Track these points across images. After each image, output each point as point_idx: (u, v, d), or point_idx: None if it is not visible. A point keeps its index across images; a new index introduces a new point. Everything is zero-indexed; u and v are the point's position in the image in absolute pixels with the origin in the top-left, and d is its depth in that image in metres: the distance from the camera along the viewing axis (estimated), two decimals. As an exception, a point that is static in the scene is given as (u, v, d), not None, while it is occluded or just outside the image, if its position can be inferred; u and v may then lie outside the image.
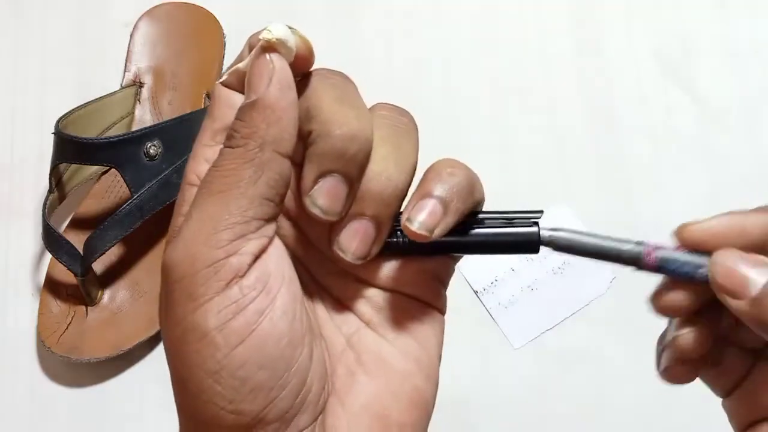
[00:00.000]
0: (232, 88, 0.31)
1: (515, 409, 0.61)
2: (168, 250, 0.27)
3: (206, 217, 0.27)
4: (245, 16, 0.72)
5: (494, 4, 0.72)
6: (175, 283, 0.27)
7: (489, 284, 0.63)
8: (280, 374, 0.27)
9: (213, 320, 0.26)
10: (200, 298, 0.26)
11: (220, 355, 0.27)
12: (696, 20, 0.71)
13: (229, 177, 0.27)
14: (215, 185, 0.27)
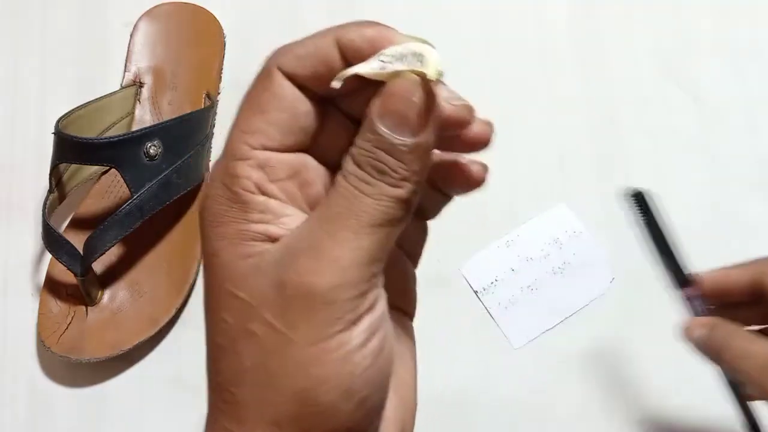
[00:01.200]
0: (340, 90, 0.29)
1: (515, 409, 0.61)
2: (309, 269, 0.27)
3: (358, 246, 0.27)
4: (245, 16, 0.72)
5: (494, 4, 0.72)
6: (325, 305, 0.27)
7: (489, 284, 0.63)
8: (386, 394, 0.29)
9: (356, 341, 0.27)
10: (347, 320, 0.27)
11: (356, 374, 0.27)
12: (696, 20, 0.71)
13: (379, 211, 0.28)
14: (367, 216, 0.28)
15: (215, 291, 0.29)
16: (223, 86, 0.70)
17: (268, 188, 0.29)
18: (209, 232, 0.29)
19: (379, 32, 0.30)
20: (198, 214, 0.30)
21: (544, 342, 0.62)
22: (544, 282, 0.64)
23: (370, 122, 0.28)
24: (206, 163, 0.67)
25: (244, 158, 0.29)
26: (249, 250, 0.28)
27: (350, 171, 0.28)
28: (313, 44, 0.29)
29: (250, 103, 0.30)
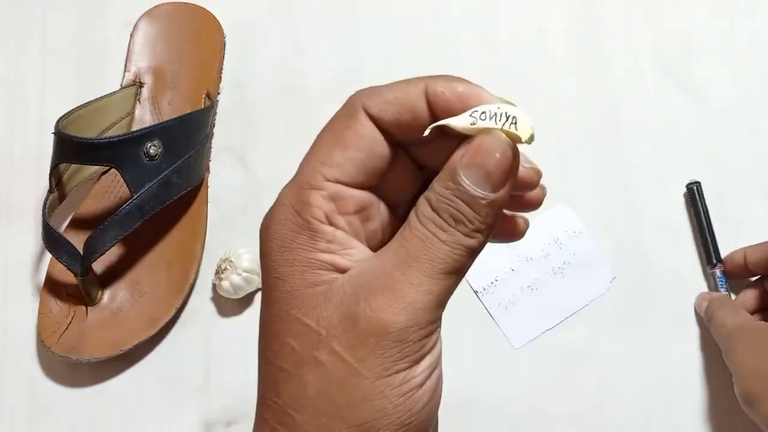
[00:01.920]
0: (422, 138, 0.31)
1: (515, 409, 0.61)
2: (384, 307, 0.28)
3: (430, 291, 0.29)
4: (245, 16, 0.72)
5: (494, 4, 0.72)
6: (396, 342, 0.28)
7: (489, 284, 0.63)
8: (436, 426, 0.31)
9: (418, 379, 0.29)
10: (412, 359, 0.29)
11: (415, 410, 0.29)
12: (696, 20, 0.71)
13: (453, 259, 0.29)
14: (441, 263, 0.29)
15: (280, 315, 0.30)
16: (223, 86, 0.70)
17: (336, 220, 0.30)
18: (277, 256, 0.30)
19: (471, 89, 0.30)
20: (262, 235, 0.31)
21: (544, 342, 0.62)
22: (544, 282, 0.64)
23: (453, 172, 0.29)
24: (206, 163, 0.67)
25: (317, 188, 0.30)
26: (317, 279, 0.29)
27: (428, 216, 0.29)
28: (402, 91, 0.30)
29: (332, 136, 0.31)
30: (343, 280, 0.29)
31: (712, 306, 0.60)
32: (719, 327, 0.57)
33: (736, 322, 0.57)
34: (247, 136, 0.68)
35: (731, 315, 0.58)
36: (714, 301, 0.60)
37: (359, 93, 0.31)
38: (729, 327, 0.56)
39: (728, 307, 0.59)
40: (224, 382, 0.61)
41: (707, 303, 0.61)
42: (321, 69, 0.70)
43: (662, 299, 0.63)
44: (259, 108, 0.69)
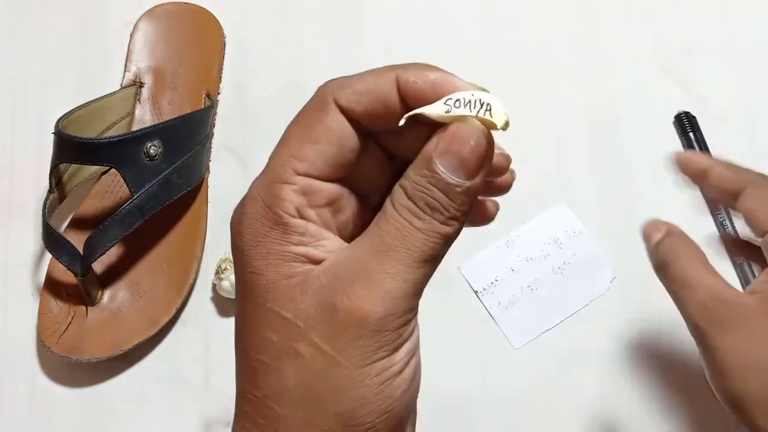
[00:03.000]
0: (392, 128, 0.31)
1: (515, 409, 0.61)
2: (362, 297, 0.28)
3: (407, 279, 0.29)
4: (245, 16, 0.72)
5: (494, 4, 0.72)
6: (374, 332, 0.29)
7: (489, 284, 0.63)
8: (415, 412, 0.32)
9: (396, 367, 0.29)
10: (390, 347, 0.29)
11: (395, 397, 0.29)
12: (696, 20, 0.71)
13: (429, 247, 0.29)
14: (417, 251, 0.29)
15: (257, 309, 0.30)
16: (223, 86, 0.70)
17: (306, 213, 0.30)
18: (250, 250, 0.30)
19: (443, 77, 0.30)
20: (233, 229, 0.31)
21: (544, 342, 0.62)
22: (544, 282, 0.64)
23: (428, 160, 0.29)
24: (206, 163, 0.67)
25: (288, 182, 0.30)
26: (291, 271, 0.29)
27: (403, 204, 0.29)
28: (373, 81, 0.30)
29: (302, 129, 0.31)
30: (318, 271, 0.29)
31: (669, 247, 0.44)
32: (684, 290, 0.42)
33: (715, 290, 0.42)
34: (247, 136, 0.68)
35: (703, 275, 0.42)
36: (673, 240, 0.44)
37: (329, 84, 0.31)
38: (704, 298, 0.42)
39: (696, 260, 0.43)
40: (224, 382, 0.61)
41: (661, 236, 0.45)
42: (321, 69, 0.70)
43: (662, 299, 0.63)
44: (259, 108, 0.69)
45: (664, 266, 0.43)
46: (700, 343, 0.42)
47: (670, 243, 0.44)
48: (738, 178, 0.45)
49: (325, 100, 0.31)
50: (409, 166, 0.30)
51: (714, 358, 0.41)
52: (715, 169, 0.45)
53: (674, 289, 0.43)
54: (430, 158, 0.29)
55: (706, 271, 0.43)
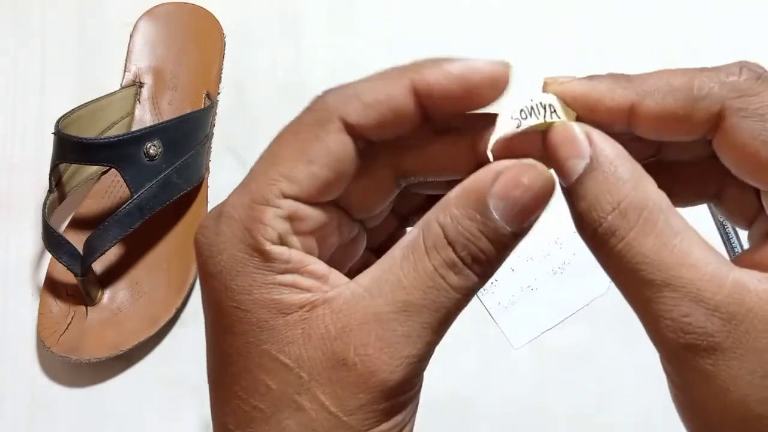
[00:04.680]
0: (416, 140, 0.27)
1: (515, 409, 0.61)
2: (379, 362, 0.25)
3: (428, 342, 0.26)
4: (245, 16, 0.72)
5: (494, 4, 0.72)
6: (389, 398, 0.26)
7: (489, 284, 0.63)
8: None
9: (401, 426, 0.27)
10: (398, 408, 0.27)
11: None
12: (698, 20, 0.71)
13: (458, 308, 0.26)
14: (445, 312, 0.26)
15: (250, 348, 0.26)
16: (223, 86, 0.70)
17: (289, 240, 0.26)
18: (228, 281, 0.26)
19: (465, 67, 0.27)
20: (202, 249, 0.27)
21: (544, 342, 0.62)
22: (544, 282, 0.64)
23: (481, 201, 0.25)
24: (206, 163, 0.67)
25: (273, 205, 0.26)
26: (282, 305, 0.26)
27: (439, 250, 0.25)
28: (384, 91, 0.26)
29: (297, 145, 0.26)
30: (323, 314, 0.26)
31: (606, 193, 0.26)
32: (655, 290, 0.26)
33: (730, 280, 0.25)
34: (247, 136, 0.68)
35: (701, 249, 0.25)
36: (609, 177, 0.26)
37: (332, 96, 0.27)
38: (715, 297, 0.25)
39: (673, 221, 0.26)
40: (224, 382, 0.61)
41: (584, 166, 0.26)
42: (321, 69, 0.70)
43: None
44: (259, 108, 0.69)
45: (606, 232, 0.26)
46: (687, 367, 0.26)
47: (606, 187, 0.26)
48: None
49: (328, 116, 0.27)
50: (441, 191, 0.26)
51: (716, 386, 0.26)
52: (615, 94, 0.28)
53: (632, 279, 0.27)
54: (484, 199, 0.25)
55: (698, 244, 0.26)
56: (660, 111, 0.27)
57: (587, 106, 0.27)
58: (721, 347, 0.25)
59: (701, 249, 0.25)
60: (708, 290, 0.25)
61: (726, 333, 0.25)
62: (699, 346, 0.25)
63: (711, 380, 0.25)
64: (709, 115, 0.27)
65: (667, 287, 0.25)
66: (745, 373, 0.25)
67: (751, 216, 0.30)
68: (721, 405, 0.25)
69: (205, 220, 0.27)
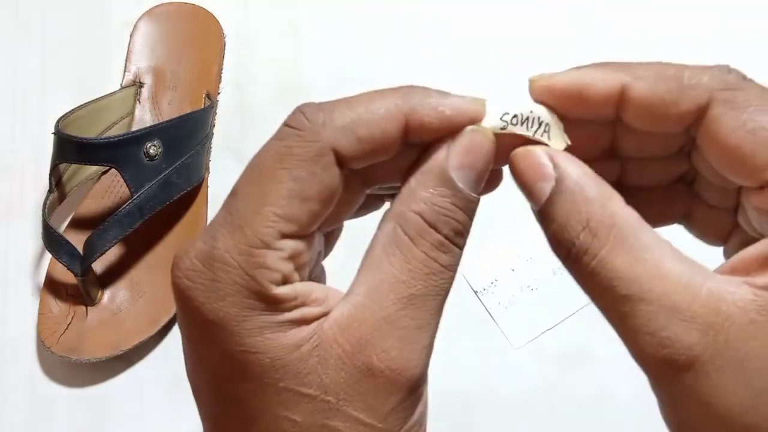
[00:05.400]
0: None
1: (515, 409, 0.61)
2: (402, 360, 0.25)
3: (435, 326, 0.27)
4: (245, 16, 0.72)
5: (494, 4, 0.72)
6: (413, 390, 0.26)
7: (489, 284, 0.63)
8: None
9: (417, 417, 0.27)
10: (418, 399, 0.27)
11: None
12: (696, 20, 0.71)
13: (450, 284, 0.27)
14: (444, 293, 0.27)
15: (267, 390, 0.25)
16: (223, 86, 0.70)
17: (293, 277, 0.26)
18: (234, 327, 0.25)
19: (454, 108, 0.27)
20: (190, 296, 0.26)
21: (544, 342, 0.62)
22: (544, 282, 0.63)
23: (444, 176, 0.26)
24: (206, 163, 0.67)
25: (274, 248, 0.25)
26: (295, 340, 0.25)
27: (424, 235, 0.26)
28: (380, 127, 0.26)
29: (292, 182, 0.26)
30: (333, 336, 0.25)
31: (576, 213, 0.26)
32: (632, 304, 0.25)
33: (706, 291, 0.25)
34: (247, 136, 0.68)
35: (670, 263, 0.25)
36: (576, 197, 0.26)
37: (321, 121, 0.26)
38: (691, 311, 0.24)
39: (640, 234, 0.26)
40: (224, 382, 0.61)
41: (551, 189, 0.27)
42: (321, 69, 0.70)
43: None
44: (259, 108, 0.69)
45: (579, 251, 0.27)
46: (668, 382, 0.26)
47: (574, 207, 0.26)
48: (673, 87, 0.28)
49: (320, 149, 0.26)
50: (400, 187, 0.27)
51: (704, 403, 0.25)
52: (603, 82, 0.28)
53: (607, 295, 0.26)
54: (447, 174, 0.26)
55: (670, 256, 0.26)
56: (650, 95, 0.27)
57: (577, 93, 0.28)
58: (700, 360, 0.24)
59: (674, 261, 0.25)
60: (683, 301, 0.24)
61: (704, 345, 0.24)
62: (678, 360, 0.25)
63: (693, 394, 0.25)
64: (696, 105, 0.27)
65: (642, 301, 0.25)
66: (727, 384, 0.24)
67: (724, 234, 0.30)
68: (706, 418, 0.25)
69: (189, 263, 0.26)
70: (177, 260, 0.26)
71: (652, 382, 0.27)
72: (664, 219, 0.32)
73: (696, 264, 0.26)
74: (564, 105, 0.28)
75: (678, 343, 0.24)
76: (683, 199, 0.31)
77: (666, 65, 0.28)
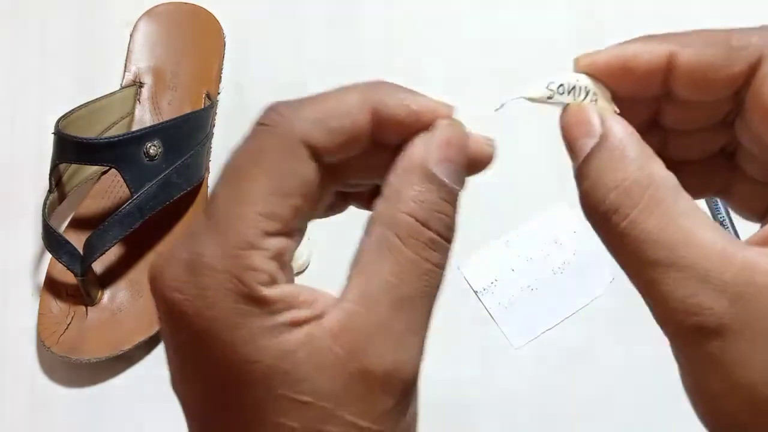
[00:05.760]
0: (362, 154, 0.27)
1: (515, 409, 0.61)
2: (398, 364, 0.25)
3: (426, 329, 0.26)
4: (245, 16, 0.72)
5: (494, 4, 0.72)
6: (409, 392, 0.27)
7: (489, 284, 0.63)
8: None
9: (411, 418, 0.27)
10: (413, 399, 0.27)
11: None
12: (697, 19, 0.71)
13: (441, 283, 0.27)
14: (436, 293, 0.27)
15: (263, 398, 0.25)
16: (223, 86, 0.70)
17: (279, 277, 0.26)
18: (227, 337, 0.25)
19: (420, 104, 0.27)
20: (177, 308, 0.25)
21: (544, 342, 0.62)
22: (544, 282, 0.64)
23: (426, 172, 0.26)
24: (206, 163, 0.67)
25: (260, 248, 0.25)
26: (287, 345, 0.25)
27: (416, 236, 0.26)
28: (349, 118, 0.26)
29: (269, 181, 0.26)
30: (327, 343, 0.25)
31: (614, 172, 0.26)
32: (665, 270, 0.25)
33: (741, 260, 0.24)
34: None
35: (704, 230, 0.25)
36: (615, 156, 0.26)
37: (293, 116, 0.26)
38: (725, 278, 0.24)
39: (679, 200, 0.25)
40: (224, 382, 0.61)
41: (593, 144, 0.27)
42: (321, 69, 0.70)
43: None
44: (259, 108, 0.69)
45: (609, 210, 0.26)
46: (694, 350, 0.25)
47: (611, 165, 0.26)
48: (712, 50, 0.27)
49: (294, 143, 0.26)
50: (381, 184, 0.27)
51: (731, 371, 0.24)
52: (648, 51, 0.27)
53: (636, 258, 0.26)
54: (429, 169, 0.26)
55: (706, 224, 0.25)
56: (698, 61, 0.27)
57: (623, 66, 0.27)
58: (729, 329, 0.24)
59: (709, 229, 0.25)
60: (715, 270, 0.24)
61: (734, 314, 0.23)
62: (706, 328, 0.24)
63: (718, 363, 0.24)
64: (747, 65, 0.26)
65: (673, 267, 0.24)
66: (754, 356, 0.24)
67: (762, 209, 0.30)
68: (729, 389, 0.24)
69: (174, 273, 0.25)
70: (156, 273, 0.26)
71: (675, 349, 0.27)
72: (702, 191, 0.31)
73: (730, 235, 0.25)
74: (611, 81, 0.28)
75: (708, 310, 0.24)
76: (723, 172, 0.30)
77: (712, 31, 0.28)
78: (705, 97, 0.27)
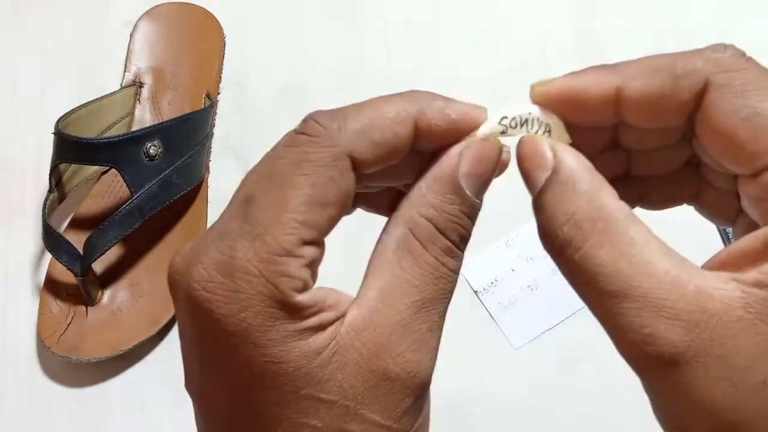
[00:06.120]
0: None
1: (515, 409, 0.61)
2: (416, 363, 0.26)
3: (441, 329, 0.28)
4: (245, 16, 0.72)
5: (494, 4, 0.72)
6: (425, 392, 0.27)
7: (489, 284, 0.63)
8: None
9: (426, 413, 0.28)
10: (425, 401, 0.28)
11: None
12: (697, 19, 0.71)
13: (455, 285, 0.28)
14: (450, 296, 0.28)
15: (287, 398, 0.25)
16: (223, 86, 0.70)
17: (310, 284, 0.26)
18: (258, 339, 0.25)
19: (460, 112, 0.28)
20: (209, 308, 0.26)
21: (544, 342, 0.62)
22: (544, 282, 0.64)
23: (454, 183, 0.27)
24: (206, 163, 0.67)
25: (295, 255, 0.25)
26: (315, 346, 0.25)
27: (435, 242, 0.27)
28: (392, 131, 0.27)
29: (309, 188, 0.26)
30: (350, 340, 0.26)
31: (565, 205, 0.27)
32: (614, 301, 0.26)
33: (692, 288, 0.24)
34: (247, 136, 0.68)
35: (657, 257, 0.25)
36: (568, 190, 0.27)
37: (336, 126, 0.26)
38: (679, 308, 0.24)
39: (633, 228, 0.25)
40: (224, 382, 0.61)
41: (546, 178, 0.27)
42: (321, 69, 0.70)
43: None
44: (259, 108, 0.69)
45: (563, 243, 0.26)
46: (654, 379, 0.26)
47: (563, 197, 0.27)
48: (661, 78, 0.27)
49: (337, 154, 0.26)
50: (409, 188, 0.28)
51: (687, 398, 0.25)
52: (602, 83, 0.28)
53: (592, 290, 0.26)
54: (457, 181, 0.27)
55: (659, 252, 0.25)
56: (645, 92, 0.27)
57: (574, 98, 0.28)
58: (685, 358, 0.24)
59: (662, 257, 0.25)
60: (668, 299, 0.24)
61: (689, 342, 0.24)
62: (663, 357, 0.24)
63: (679, 391, 0.25)
64: (693, 93, 0.26)
65: (627, 298, 0.25)
66: (712, 381, 0.24)
67: (731, 215, 0.30)
68: (692, 415, 0.25)
69: (206, 274, 0.26)
70: (182, 268, 0.27)
71: (640, 378, 0.27)
72: (673, 200, 0.32)
73: (685, 260, 0.25)
74: (564, 111, 0.28)
75: (662, 340, 0.24)
76: (691, 181, 0.31)
77: (657, 57, 0.28)
78: (657, 125, 0.28)
